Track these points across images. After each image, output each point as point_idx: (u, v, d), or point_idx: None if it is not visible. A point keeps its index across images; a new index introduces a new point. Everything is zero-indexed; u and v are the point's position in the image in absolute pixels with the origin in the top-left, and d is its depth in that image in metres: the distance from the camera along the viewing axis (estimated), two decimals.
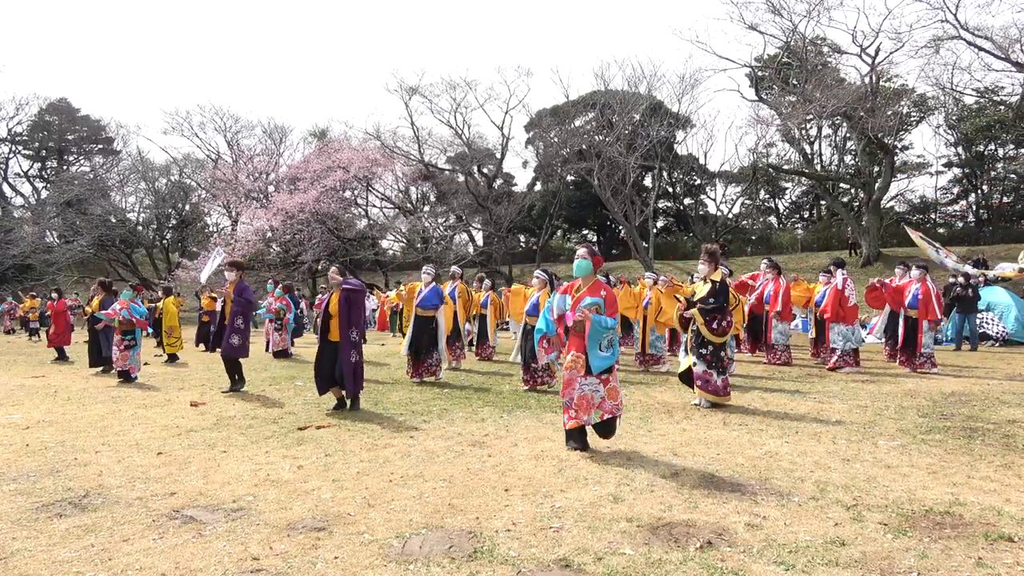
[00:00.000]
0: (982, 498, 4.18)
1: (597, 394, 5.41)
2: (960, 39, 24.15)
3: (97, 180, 42.54)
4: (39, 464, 5.39)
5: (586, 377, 5.40)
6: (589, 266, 5.56)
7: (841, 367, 10.55)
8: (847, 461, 5.10)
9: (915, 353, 10.56)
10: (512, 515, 3.98)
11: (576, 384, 5.42)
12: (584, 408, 5.40)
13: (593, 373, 5.39)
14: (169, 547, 3.60)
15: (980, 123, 30.64)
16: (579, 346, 5.43)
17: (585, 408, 5.40)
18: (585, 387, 5.40)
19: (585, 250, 5.62)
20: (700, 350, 7.47)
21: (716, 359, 7.42)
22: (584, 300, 5.46)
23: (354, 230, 37.08)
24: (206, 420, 7.14)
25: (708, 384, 7.40)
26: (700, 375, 7.43)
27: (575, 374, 5.42)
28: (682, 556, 3.36)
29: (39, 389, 9.81)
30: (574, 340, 5.48)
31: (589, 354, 5.39)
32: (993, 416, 6.80)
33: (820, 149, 38.95)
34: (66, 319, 15.01)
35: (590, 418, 5.41)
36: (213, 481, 4.81)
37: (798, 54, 27.58)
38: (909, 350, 10.64)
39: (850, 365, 10.58)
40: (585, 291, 5.52)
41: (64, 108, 47.37)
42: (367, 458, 5.38)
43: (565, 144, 35.88)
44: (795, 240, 37.55)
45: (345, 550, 3.51)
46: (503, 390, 9.03)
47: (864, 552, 3.37)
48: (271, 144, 41.68)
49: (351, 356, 7.48)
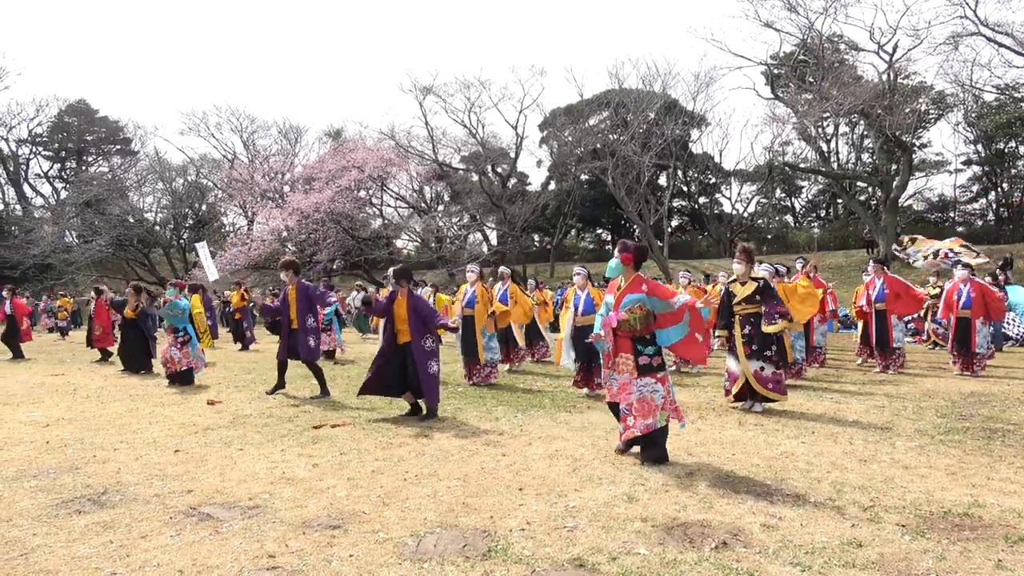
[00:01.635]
0: (1002, 500, 4.13)
1: (657, 394, 5.11)
2: (980, 35, 23.83)
3: (115, 180, 42.94)
4: (59, 461, 5.45)
5: (640, 378, 5.12)
6: (619, 264, 5.30)
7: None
8: (864, 462, 5.05)
9: (971, 353, 10.17)
10: (526, 514, 3.98)
11: (632, 387, 5.13)
12: (645, 412, 5.06)
13: (666, 344, 5.21)
14: (186, 544, 3.63)
15: (1000, 120, 30.26)
16: (627, 347, 5.19)
17: (646, 412, 5.06)
18: (643, 389, 5.10)
19: (617, 247, 5.38)
20: (765, 352, 7.15)
21: (782, 356, 7.21)
22: (625, 298, 5.22)
23: (369, 230, 37.17)
24: (223, 418, 7.20)
25: (780, 384, 7.17)
26: (771, 377, 7.12)
27: (629, 377, 5.14)
28: (697, 556, 3.35)
29: (59, 387, 9.93)
30: (621, 341, 5.24)
31: (657, 334, 5.19)
32: (1013, 417, 6.71)
33: (837, 147, 38.66)
34: (110, 319, 14.58)
35: (655, 421, 5.06)
36: (229, 479, 4.85)
37: (814, 51, 27.33)
38: (964, 351, 10.26)
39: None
40: (625, 288, 5.29)
41: (83, 109, 47.86)
42: (382, 457, 5.40)
43: (579, 143, 35.78)
44: (811, 239, 37.29)
45: (360, 548, 3.53)
46: (518, 389, 9.03)
47: (881, 554, 3.34)
48: (286, 144, 41.95)
49: (429, 367, 7.00)
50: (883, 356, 10.55)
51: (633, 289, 5.24)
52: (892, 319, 10.51)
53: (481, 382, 9.60)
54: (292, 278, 8.76)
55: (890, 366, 10.40)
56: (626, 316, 5.18)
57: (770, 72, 29.66)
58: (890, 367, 10.38)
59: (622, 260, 5.30)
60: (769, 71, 29.65)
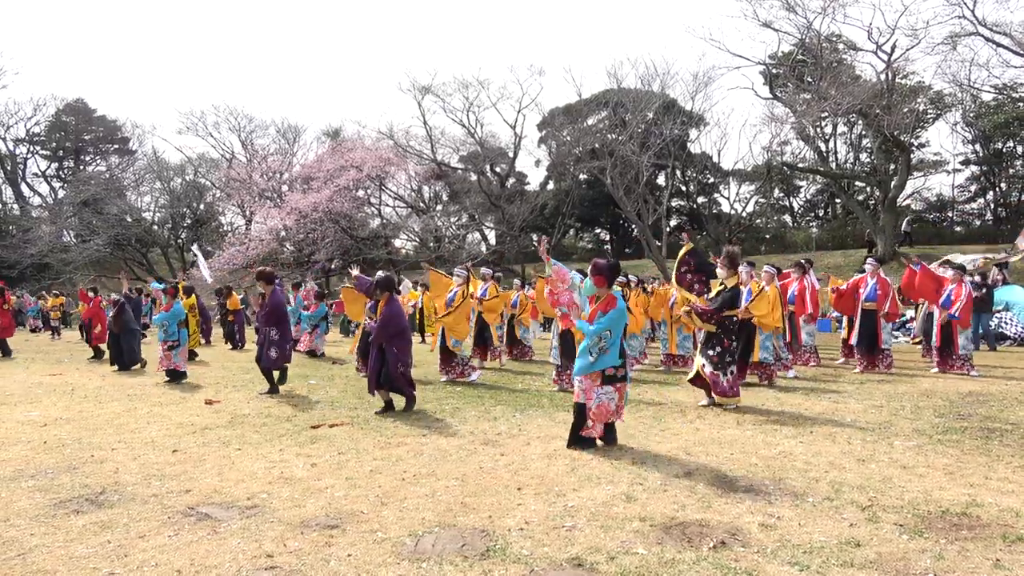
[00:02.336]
0: (1000, 499, 4.13)
1: (613, 402, 5.57)
2: (978, 35, 23.81)
3: (113, 180, 42.87)
4: (57, 461, 5.45)
5: (602, 386, 5.53)
6: (590, 286, 5.70)
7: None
8: (862, 461, 5.06)
9: (952, 354, 10.17)
10: (525, 514, 3.98)
11: (593, 394, 5.53)
12: (602, 417, 5.56)
13: (576, 375, 5.62)
14: (184, 544, 3.63)
15: (998, 120, 30.26)
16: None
17: (603, 417, 5.57)
18: (603, 396, 5.53)
19: (591, 268, 5.73)
20: (708, 351, 7.41)
21: (722, 360, 7.33)
22: (597, 315, 5.61)
23: (367, 229, 37.17)
24: (221, 418, 7.19)
25: (716, 385, 7.34)
26: (709, 376, 7.37)
27: (591, 384, 5.54)
28: (695, 556, 3.35)
29: (57, 387, 9.91)
30: None
31: (578, 357, 5.63)
32: (1011, 416, 6.72)
33: (835, 147, 38.63)
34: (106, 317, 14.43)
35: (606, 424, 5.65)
36: (228, 479, 4.84)
37: (813, 51, 27.32)
38: (946, 351, 10.27)
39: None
40: (599, 306, 5.64)
41: (81, 108, 47.80)
42: (380, 456, 5.40)
43: (578, 143, 35.76)
44: (810, 239, 37.29)
45: (358, 548, 3.53)
46: (516, 388, 9.03)
47: (879, 553, 3.35)
48: (285, 144, 41.90)
49: (397, 367, 7.40)
50: (871, 357, 10.58)
51: (605, 308, 5.61)
52: (881, 320, 10.54)
53: (456, 379, 9.73)
54: (266, 288, 9.04)
55: (879, 366, 10.43)
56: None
57: (768, 72, 29.65)
58: (879, 367, 10.42)
59: (595, 282, 5.69)
60: (767, 71, 29.64)
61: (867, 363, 10.56)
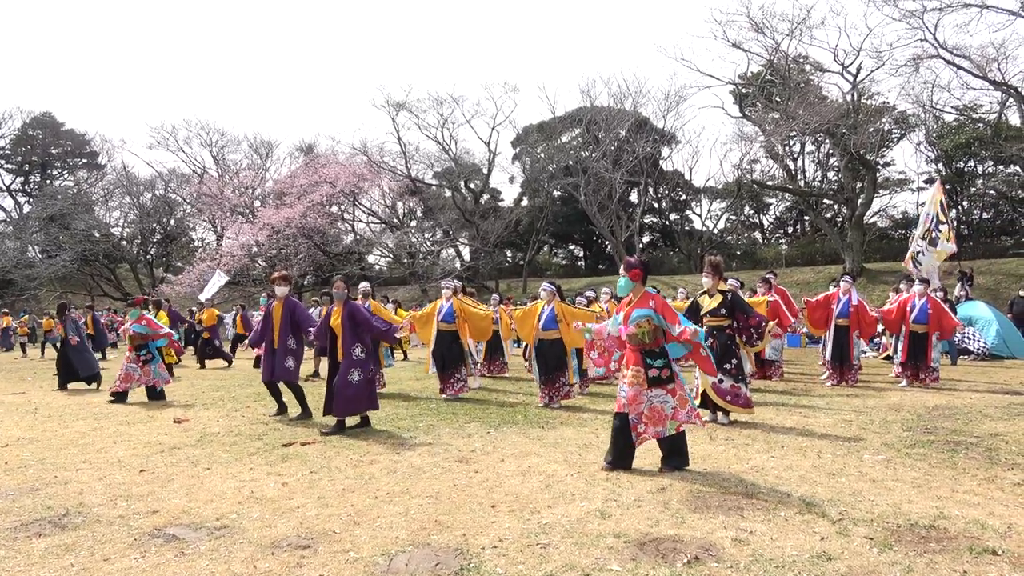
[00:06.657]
0: (966, 512, 4.21)
1: (667, 404, 5.31)
2: (939, 58, 24.59)
3: (81, 195, 42.22)
4: (18, 482, 5.30)
5: (650, 389, 5.30)
6: (628, 282, 5.50)
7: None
8: (833, 475, 5.12)
9: (926, 367, 10.45)
10: (499, 532, 3.96)
11: (643, 398, 5.30)
12: (655, 420, 5.28)
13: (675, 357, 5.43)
14: (151, 566, 3.55)
15: (959, 140, 31.06)
16: (637, 360, 5.36)
17: (657, 420, 5.28)
18: (653, 399, 5.30)
19: (623, 266, 5.58)
20: (724, 365, 7.25)
21: (740, 371, 7.30)
22: (634, 313, 5.41)
23: (341, 245, 36.98)
24: (190, 437, 7.06)
25: (739, 398, 7.23)
26: (729, 390, 7.20)
27: (639, 389, 5.31)
28: (670, 572, 3.35)
29: (19, 406, 9.67)
30: (631, 355, 5.42)
31: (669, 347, 5.40)
32: (976, 430, 6.85)
33: (803, 165, 39.31)
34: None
35: (665, 430, 5.28)
36: (196, 499, 4.75)
37: (781, 72, 27.93)
38: (919, 364, 10.53)
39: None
40: (635, 303, 5.48)
41: (48, 122, 47.05)
42: (353, 475, 5.34)
43: (552, 160, 36.05)
44: (779, 255, 37.81)
45: (330, 568, 3.48)
46: (490, 404, 9.00)
47: (850, 566, 3.38)
48: (257, 159, 41.58)
49: (350, 375, 7.06)
50: (841, 371, 10.80)
51: (642, 304, 5.44)
52: (853, 336, 10.78)
53: (453, 396, 9.69)
54: (285, 293, 8.33)
55: (848, 380, 10.67)
56: (635, 330, 5.39)
57: (738, 91, 30.20)
58: (848, 381, 10.66)
59: (631, 277, 5.51)
60: (737, 90, 30.20)
61: (838, 377, 10.76)
